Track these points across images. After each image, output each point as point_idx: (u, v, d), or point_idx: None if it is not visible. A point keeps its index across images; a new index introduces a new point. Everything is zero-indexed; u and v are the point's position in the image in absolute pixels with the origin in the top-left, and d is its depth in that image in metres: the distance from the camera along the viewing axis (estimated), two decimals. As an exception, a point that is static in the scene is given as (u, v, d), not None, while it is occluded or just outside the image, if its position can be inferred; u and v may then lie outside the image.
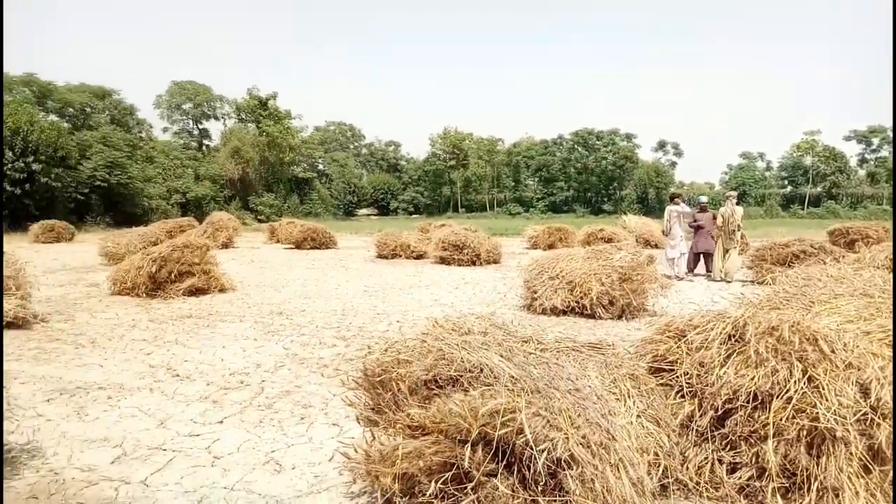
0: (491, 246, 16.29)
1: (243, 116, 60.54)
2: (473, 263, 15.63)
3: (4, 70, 42.79)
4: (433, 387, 3.15)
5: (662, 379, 3.65)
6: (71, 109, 45.81)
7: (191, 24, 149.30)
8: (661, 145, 74.18)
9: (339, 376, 5.37)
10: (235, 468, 3.64)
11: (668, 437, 3.28)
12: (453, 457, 2.78)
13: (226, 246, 22.07)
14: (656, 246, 19.72)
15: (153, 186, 42.72)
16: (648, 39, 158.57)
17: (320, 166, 71.52)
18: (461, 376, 3.08)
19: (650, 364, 3.79)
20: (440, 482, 2.77)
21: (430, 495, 2.78)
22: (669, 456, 3.22)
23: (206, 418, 4.50)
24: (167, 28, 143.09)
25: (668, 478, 3.15)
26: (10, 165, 29.96)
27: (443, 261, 16.00)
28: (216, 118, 64.57)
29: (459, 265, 15.56)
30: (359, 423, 3.43)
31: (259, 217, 49.47)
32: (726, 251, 12.31)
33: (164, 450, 3.92)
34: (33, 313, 8.17)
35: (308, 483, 3.44)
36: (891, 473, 2.95)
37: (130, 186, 38.51)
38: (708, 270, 12.79)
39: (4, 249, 8.42)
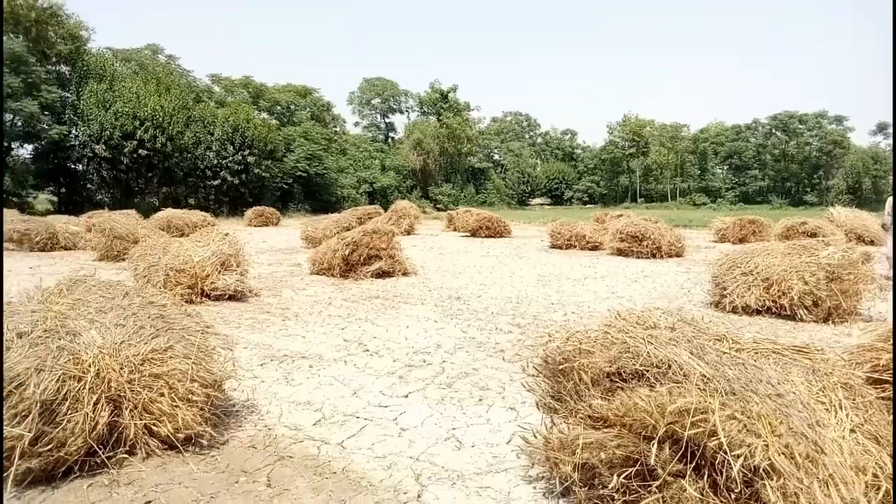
0: (673, 238, 15.39)
1: (425, 109, 63.45)
2: (653, 256, 14.90)
3: (226, 74, 48.90)
4: (616, 380, 3.08)
5: (884, 392, 3.22)
6: (279, 107, 51.20)
7: (376, 19, 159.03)
8: (881, 128, 64.69)
9: (518, 362, 5.45)
10: (420, 440, 3.86)
11: (891, 457, 2.89)
12: (637, 452, 2.71)
13: (408, 233, 23.35)
14: (872, 242, 17.31)
15: (345, 176, 46.51)
16: (860, 8, 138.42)
17: (496, 156, 72.77)
18: (647, 371, 2.98)
19: (868, 374, 3.36)
20: (622, 476, 2.71)
21: (611, 489, 2.73)
22: (892, 479, 2.83)
23: (394, 391, 4.83)
24: (359, 27, 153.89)
25: (888, 503, 2.78)
26: (230, 158, 34.38)
27: (620, 252, 15.47)
28: (401, 112, 68.34)
29: (638, 257, 14.93)
30: (538, 409, 3.46)
31: (438, 206, 51.64)
32: None
33: (358, 417, 4.27)
34: (249, 288, 9.31)
35: (487, 462, 3.55)
36: None
37: (326, 176, 42.33)
38: None
39: (228, 231, 9.69)
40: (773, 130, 66.70)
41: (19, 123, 28.47)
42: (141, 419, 3.52)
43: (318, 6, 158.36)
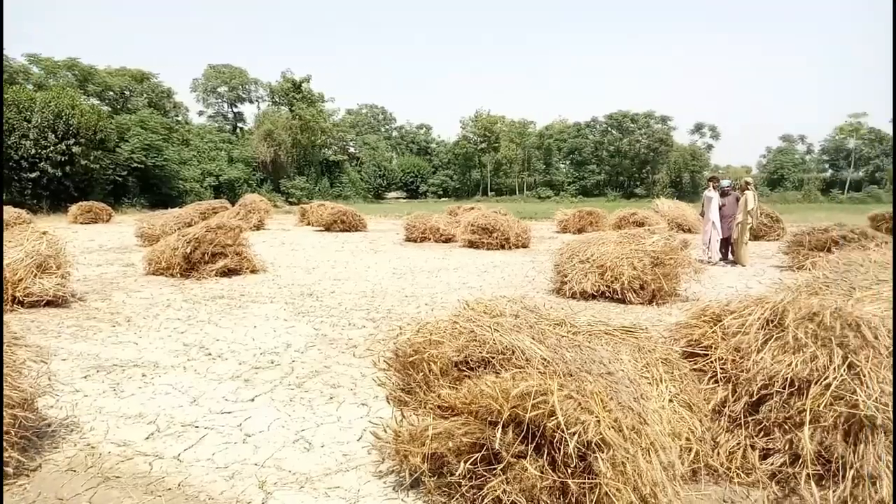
0: (520, 230, 16.16)
1: (277, 99, 61.10)
2: (502, 247, 15.54)
3: (48, 55, 43.67)
4: (464, 368, 3.14)
5: (696, 364, 3.58)
6: (111, 93, 46.63)
7: (228, 5, 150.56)
8: (698, 128, 72.84)
9: (370, 357, 5.39)
10: (266, 445, 3.68)
11: (700, 422, 3.22)
12: (483, 438, 2.77)
13: (257, 228, 22.36)
14: (690, 230, 19.37)
15: (188, 169, 43.47)
16: (687, 20, 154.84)
17: (351, 149, 71.87)
18: (492, 358, 3.06)
19: (684, 349, 3.72)
20: (469, 462, 2.76)
21: (458, 475, 2.77)
22: (701, 441, 3.16)
23: (238, 396, 4.57)
24: (205, 11, 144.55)
25: (698, 463, 3.09)
26: (51, 148, 30.70)
27: (471, 244, 15.95)
28: (250, 101, 65.22)
29: (488, 249, 15.49)
30: (388, 403, 3.44)
31: (290, 199, 50.04)
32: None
33: (197, 427, 3.99)
34: (72, 292, 8.38)
35: (337, 461, 3.47)
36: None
37: (166, 169, 39.27)
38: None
39: (46, 229, 8.64)
40: (609, 128, 72.32)
41: None
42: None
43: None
